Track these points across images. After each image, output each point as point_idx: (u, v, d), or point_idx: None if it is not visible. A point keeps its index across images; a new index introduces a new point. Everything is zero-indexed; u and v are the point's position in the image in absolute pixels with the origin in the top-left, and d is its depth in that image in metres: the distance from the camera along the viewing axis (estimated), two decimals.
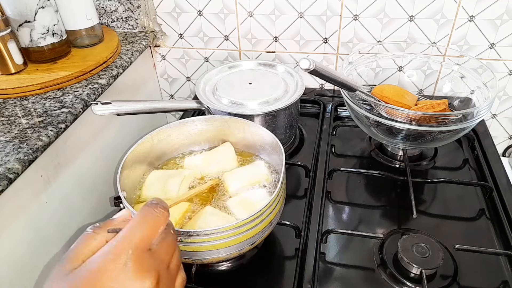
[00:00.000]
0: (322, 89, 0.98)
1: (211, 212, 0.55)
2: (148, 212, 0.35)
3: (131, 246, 0.32)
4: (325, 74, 0.59)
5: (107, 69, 0.80)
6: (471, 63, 0.75)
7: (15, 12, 0.72)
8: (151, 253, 0.33)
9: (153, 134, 0.62)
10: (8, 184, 0.54)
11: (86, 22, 0.83)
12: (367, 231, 0.62)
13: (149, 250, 0.33)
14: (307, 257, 0.57)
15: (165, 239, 0.35)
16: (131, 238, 0.32)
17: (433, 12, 0.81)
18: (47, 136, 0.62)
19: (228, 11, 0.90)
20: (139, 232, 0.33)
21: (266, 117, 0.71)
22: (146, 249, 0.33)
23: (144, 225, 0.34)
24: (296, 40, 0.91)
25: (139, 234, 0.33)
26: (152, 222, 0.34)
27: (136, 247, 0.32)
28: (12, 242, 0.60)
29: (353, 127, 0.83)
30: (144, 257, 0.32)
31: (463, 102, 0.77)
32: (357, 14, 0.84)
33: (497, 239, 0.61)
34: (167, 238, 0.36)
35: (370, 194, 0.71)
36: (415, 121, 0.63)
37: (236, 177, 0.60)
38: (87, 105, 0.71)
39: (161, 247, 0.34)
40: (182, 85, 1.07)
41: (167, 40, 0.98)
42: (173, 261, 0.36)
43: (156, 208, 0.35)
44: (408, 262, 0.54)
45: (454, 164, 0.77)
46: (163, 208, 0.35)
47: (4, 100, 0.71)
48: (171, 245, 0.36)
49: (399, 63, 0.86)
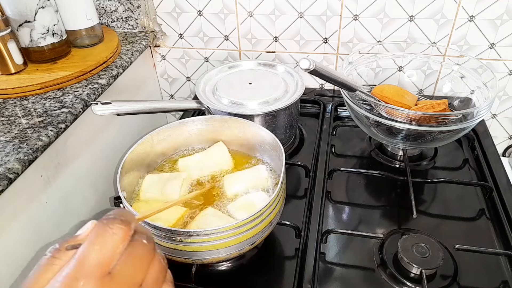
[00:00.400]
0: (322, 89, 0.98)
1: (212, 214, 0.55)
2: (101, 231, 0.29)
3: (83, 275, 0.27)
4: (325, 74, 0.59)
5: (107, 69, 0.80)
6: (471, 63, 0.75)
7: (15, 12, 0.72)
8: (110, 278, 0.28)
9: (153, 134, 0.62)
10: (8, 184, 0.54)
11: (86, 22, 0.83)
12: (367, 231, 0.62)
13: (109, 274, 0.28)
14: (307, 257, 0.57)
15: (131, 253, 0.29)
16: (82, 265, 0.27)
17: (433, 12, 0.81)
18: (47, 136, 0.62)
19: (228, 11, 0.90)
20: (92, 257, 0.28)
21: (266, 117, 0.71)
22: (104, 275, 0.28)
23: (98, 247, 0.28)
24: (296, 40, 0.91)
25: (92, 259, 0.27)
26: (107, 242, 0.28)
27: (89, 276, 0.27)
28: (12, 242, 0.60)
29: (353, 127, 0.83)
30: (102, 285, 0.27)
31: (463, 102, 0.77)
32: (357, 14, 0.84)
33: (497, 239, 0.61)
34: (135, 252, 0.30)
35: (370, 194, 0.71)
36: (415, 121, 0.63)
37: (235, 180, 0.60)
38: (87, 105, 0.71)
39: (126, 265, 0.29)
40: (182, 85, 1.07)
41: (167, 40, 0.98)
42: (148, 276, 0.30)
43: (111, 224, 0.29)
44: (408, 262, 0.54)
45: (454, 164, 0.77)
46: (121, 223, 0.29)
47: (4, 100, 0.71)
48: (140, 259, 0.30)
49: (399, 63, 0.86)
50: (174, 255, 0.50)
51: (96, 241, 0.28)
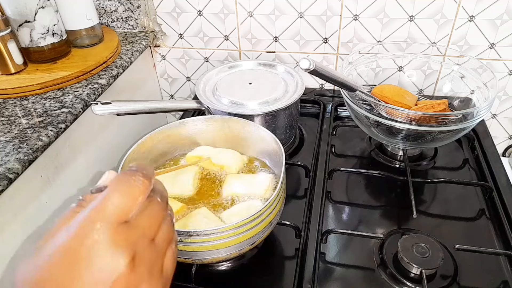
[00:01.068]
0: (322, 89, 0.98)
1: (204, 214, 0.55)
2: (123, 180, 0.29)
3: (100, 218, 0.27)
4: (325, 74, 0.59)
5: (107, 69, 0.80)
6: (471, 63, 0.75)
7: (15, 12, 0.72)
8: (127, 226, 0.28)
9: (153, 134, 0.62)
10: (8, 184, 0.54)
11: (86, 22, 0.83)
12: (367, 231, 0.62)
13: (126, 223, 0.28)
14: (307, 257, 0.57)
15: (147, 208, 0.30)
16: (101, 209, 0.28)
17: (433, 12, 0.81)
18: (47, 136, 0.62)
19: (228, 11, 0.90)
20: (112, 203, 0.28)
21: (266, 117, 0.71)
22: (121, 222, 0.28)
23: (118, 195, 0.28)
24: (296, 40, 0.91)
25: (111, 205, 0.28)
26: (128, 191, 0.29)
27: (107, 220, 0.27)
28: (12, 242, 0.60)
29: (353, 127, 0.83)
30: (117, 231, 0.27)
31: (463, 102, 0.77)
32: (357, 14, 0.84)
33: (497, 239, 0.61)
34: (151, 207, 0.31)
35: (370, 194, 0.71)
36: (415, 121, 0.63)
37: (236, 182, 0.60)
38: (87, 105, 0.71)
39: (142, 218, 0.30)
40: (182, 85, 1.07)
41: (167, 40, 0.98)
42: (160, 233, 0.31)
43: (134, 176, 0.30)
44: (408, 262, 0.54)
45: (454, 164, 0.77)
46: (143, 176, 0.30)
47: (4, 100, 0.71)
48: (155, 215, 0.31)
49: (399, 63, 0.86)
50: None
51: (118, 189, 0.29)
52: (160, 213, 0.32)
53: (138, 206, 0.29)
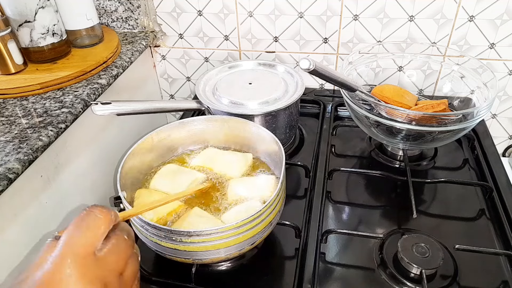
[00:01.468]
0: (322, 89, 0.98)
1: (198, 214, 0.55)
2: (85, 215, 0.32)
3: (70, 253, 0.30)
4: (325, 74, 0.59)
5: (107, 69, 0.80)
6: (471, 63, 0.75)
7: (15, 12, 0.72)
8: (96, 260, 0.31)
9: (153, 134, 0.62)
10: (8, 184, 0.54)
11: (86, 22, 0.83)
12: (367, 231, 0.62)
13: (94, 255, 0.31)
14: (307, 257, 0.57)
15: (115, 245, 0.33)
16: (70, 244, 0.30)
17: (433, 12, 0.81)
18: (47, 136, 0.62)
19: (228, 11, 0.90)
20: (78, 237, 0.31)
21: (266, 117, 0.71)
22: (89, 255, 0.31)
23: (83, 228, 0.31)
24: (296, 40, 0.91)
25: (78, 239, 0.31)
26: (92, 224, 0.32)
27: (76, 254, 0.30)
28: (12, 242, 0.60)
29: (353, 127, 0.83)
30: (87, 264, 0.30)
31: (463, 102, 0.77)
32: (357, 14, 0.84)
33: (497, 239, 0.61)
34: (119, 244, 0.33)
35: (370, 194, 0.71)
36: (415, 121, 0.63)
37: (240, 186, 0.60)
38: (87, 105, 0.71)
39: (111, 254, 0.32)
40: (182, 85, 1.07)
41: (167, 40, 0.98)
42: (128, 268, 0.34)
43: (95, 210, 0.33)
44: (408, 262, 0.54)
45: (454, 164, 0.77)
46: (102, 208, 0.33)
47: (4, 100, 0.71)
48: (123, 251, 0.34)
49: (399, 63, 0.86)
50: (174, 255, 0.50)
51: (80, 224, 0.32)
52: (128, 250, 0.34)
53: (102, 236, 0.32)
